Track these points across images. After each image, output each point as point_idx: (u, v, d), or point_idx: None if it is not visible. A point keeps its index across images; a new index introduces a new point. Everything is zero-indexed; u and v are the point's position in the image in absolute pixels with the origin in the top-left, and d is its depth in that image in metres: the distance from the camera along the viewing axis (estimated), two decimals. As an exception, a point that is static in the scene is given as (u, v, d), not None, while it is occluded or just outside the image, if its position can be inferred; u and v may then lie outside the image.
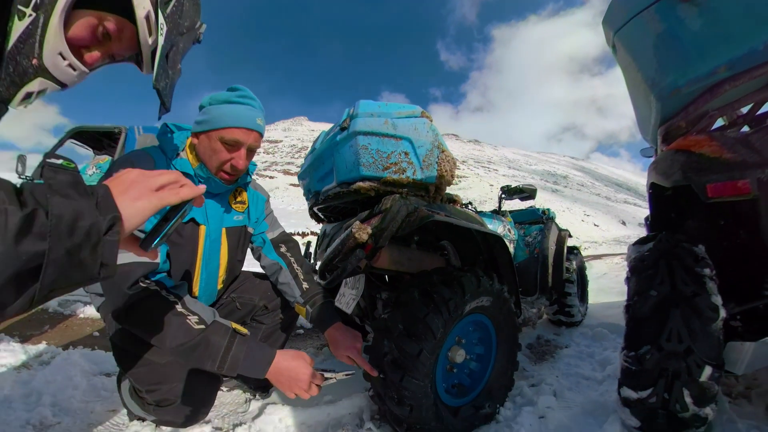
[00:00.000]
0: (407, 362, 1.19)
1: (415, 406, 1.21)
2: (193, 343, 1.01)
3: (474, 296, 1.34)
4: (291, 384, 1.08)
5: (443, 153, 1.29)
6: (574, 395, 1.70)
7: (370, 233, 1.13)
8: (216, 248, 1.37)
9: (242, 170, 1.25)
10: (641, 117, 1.83)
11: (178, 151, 1.25)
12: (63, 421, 1.35)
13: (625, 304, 1.33)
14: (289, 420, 1.44)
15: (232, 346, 1.04)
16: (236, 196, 1.42)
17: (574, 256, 3.12)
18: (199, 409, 1.26)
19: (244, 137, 1.19)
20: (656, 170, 1.44)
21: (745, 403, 1.43)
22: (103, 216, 0.49)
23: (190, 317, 1.04)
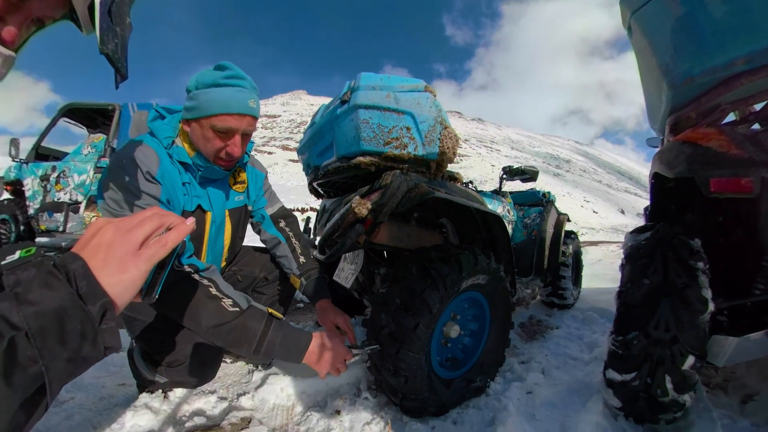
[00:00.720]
0: (404, 335, 1.22)
1: (410, 377, 1.25)
2: (230, 327, 1.00)
3: (471, 274, 1.36)
4: (327, 365, 1.08)
5: (446, 129, 1.26)
6: (561, 374, 1.76)
7: (370, 208, 1.13)
8: (221, 231, 1.38)
9: (239, 156, 1.21)
10: (651, 104, 1.81)
11: (173, 139, 1.20)
12: (76, 396, 1.39)
13: (618, 290, 1.36)
14: (290, 389, 1.49)
15: (269, 331, 1.03)
16: (235, 176, 1.41)
17: (571, 240, 3.14)
18: (207, 370, 1.29)
19: (236, 123, 1.13)
20: (661, 160, 1.43)
21: (722, 394, 1.49)
22: (91, 306, 0.43)
23: (224, 300, 1.03)
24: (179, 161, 1.19)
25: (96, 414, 1.29)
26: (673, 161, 1.34)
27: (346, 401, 1.45)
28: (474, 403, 1.48)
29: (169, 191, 1.14)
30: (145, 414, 1.26)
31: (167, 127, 1.21)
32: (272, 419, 1.37)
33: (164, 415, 1.29)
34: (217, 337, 1.01)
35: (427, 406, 1.33)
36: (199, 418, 1.31)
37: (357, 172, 1.26)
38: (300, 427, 1.32)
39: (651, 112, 1.85)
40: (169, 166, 1.16)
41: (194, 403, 1.37)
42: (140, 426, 1.22)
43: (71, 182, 4.28)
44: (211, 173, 1.25)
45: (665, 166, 1.38)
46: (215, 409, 1.36)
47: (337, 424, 1.32)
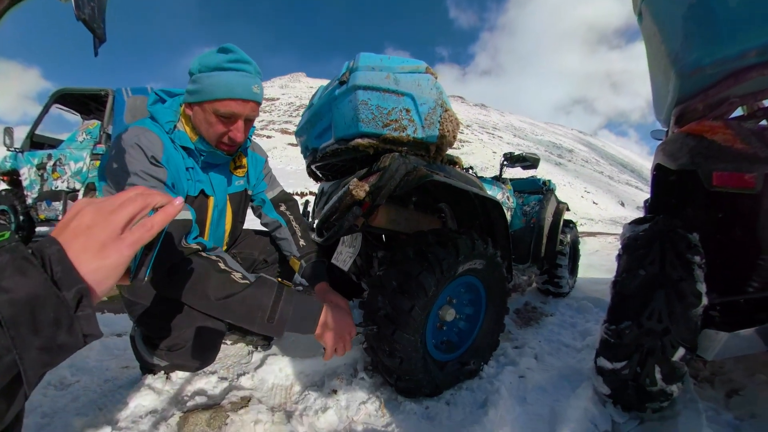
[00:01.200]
0: (399, 317, 1.23)
1: (405, 358, 1.26)
2: (241, 296, 0.97)
3: (468, 258, 1.36)
4: (336, 339, 1.06)
5: (446, 112, 1.24)
6: (554, 360, 1.79)
7: (368, 191, 1.12)
8: (222, 216, 1.38)
9: (241, 142, 1.20)
10: (657, 94, 1.78)
11: (174, 123, 1.18)
12: (81, 379, 1.42)
13: (613, 279, 1.37)
14: (289, 369, 1.52)
15: (281, 298, 1.00)
16: (236, 161, 1.40)
17: (569, 229, 3.14)
18: (207, 354, 1.28)
19: (240, 109, 1.12)
20: (664, 151, 1.41)
21: (708, 387, 1.51)
22: (66, 293, 0.40)
23: (234, 273, 1.01)
24: (181, 146, 1.18)
25: (101, 396, 1.32)
26: (676, 153, 1.33)
27: (342, 381, 1.48)
28: (467, 385, 1.50)
29: (173, 176, 1.13)
30: (148, 395, 1.29)
31: (168, 111, 1.19)
32: (271, 398, 1.40)
33: (167, 396, 1.31)
34: (229, 309, 0.98)
35: (422, 387, 1.35)
36: (200, 397, 1.33)
37: (355, 155, 1.24)
38: (298, 406, 1.34)
39: (657, 103, 1.82)
40: (172, 150, 1.15)
41: (196, 383, 1.40)
42: (144, 406, 1.24)
43: (68, 170, 4.23)
44: (214, 158, 1.24)
45: (668, 157, 1.37)
46: (216, 389, 1.39)
47: (334, 402, 1.34)
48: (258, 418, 1.23)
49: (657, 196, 1.60)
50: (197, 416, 1.22)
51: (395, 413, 1.32)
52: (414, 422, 1.28)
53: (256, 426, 1.21)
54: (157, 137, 1.11)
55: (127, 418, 1.19)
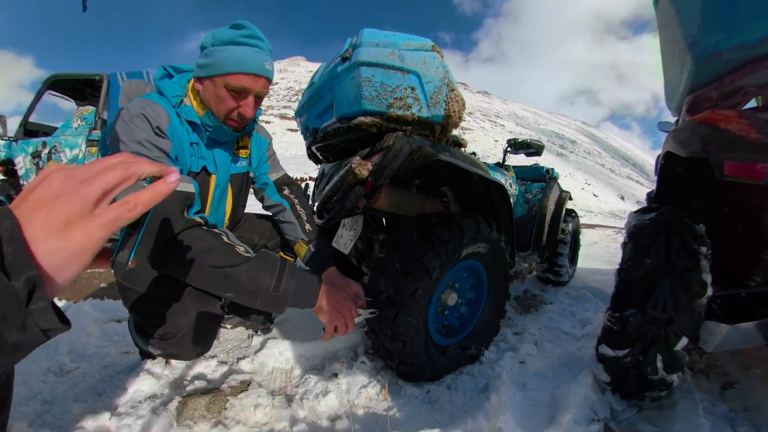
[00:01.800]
0: (402, 300, 1.22)
1: (407, 342, 1.25)
2: (246, 267, 0.97)
3: (472, 241, 1.34)
4: (336, 315, 1.06)
5: (453, 92, 1.21)
6: (553, 347, 1.79)
7: (371, 170, 1.09)
8: (224, 196, 1.36)
9: (250, 118, 1.19)
10: (670, 81, 1.74)
11: (181, 97, 1.16)
12: (81, 365, 1.42)
13: (618, 267, 1.36)
14: (289, 353, 1.52)
15: (285, 271, 1.01)
16: (239, 141, 1.37)
17: (571, 218, 3.13)
18: (201, 343, 1.24)
19: (251, 84, 1.10)
20: (674, 139, 1.38)
21: (704, 379, 1.51)
22: (15, 281, 0.33)
23: (237, 247, 1.01)
24: (187, 120, 1.15)
25: (100, 381, 1.32)
26: (687, 141, 1.30)
27: (343, 365, 1.47)
28: (468, 370, 1.50)
29: (177, 149, 1.11)
30: (147, 380, 1.28)
31: (176, 85, 1.17)
32: (271, 382, 1.39)
33: (166, 381, 1.31)
34: (233, 280, 0.97)
35: (423, 372, 1.35)
36: (199, 381, 1.33)
37: (357, 134, 1.21)
38: (298, 390, 1.34)
39: (669, 90, 1.78)
40: (177, 124, 1.12)
41: (195, 368, 1.40)
42: (143, 391, 1.25)
43: (63, 157, 4.13)
44: (220, 134, 1.22)
45: (679, 145, 1.34)
46: (215, 373, 1.39)
47: (335, 386, 1.33)
48: (258, 402, 1.23)
49: (663, 185, 1.57)
50: (196, 401, 1.22)
51: (396, 397, 1.31)
52: (415, 406, 1.28)
53: (256, 410, 1.20)
54: (163, 110, 1.09)
55: (126, 403, 1.19)
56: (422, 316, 1.27)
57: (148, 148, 1.01)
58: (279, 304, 1.00)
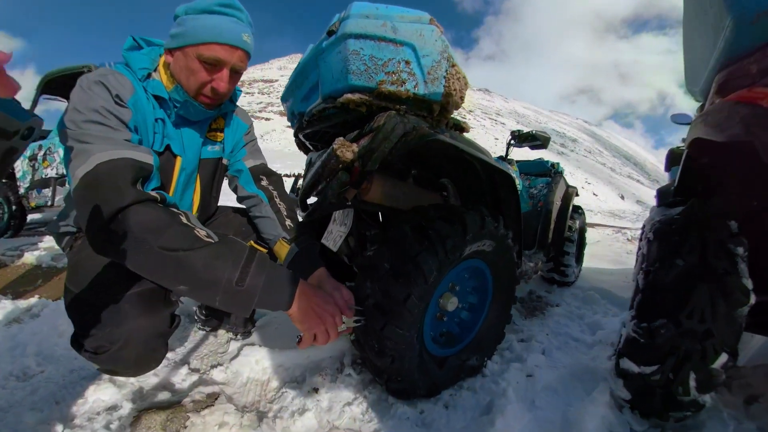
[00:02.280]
0: (392, 308, 1.04)
1: (398, 357, 1.08)
2: (206, 252, 0.79)
3: (476, 238, 1.17)
4: (315, 321, 0.89)
5: (453, 68, 1.05)
6: (563, 356, 1.62)
7: (356, 151, 0.94)
8: (191, 182, 1.22)
9: (224, 94, 1.08)
10: (695, 59, 1.54)
11: (149, 71, 1.06)
12: (46, 369, 1.31)
13: (643, 268, 1.18)
14: (266, 362, 1.37)
15: (253, 260, 0.83)
16: (213, 123, 1.25)
17: (578, 215, 2.99)
18: (142, 361, 1.08)
19: (226, 55, 1.01)
20: (705, 122, 1.20)
21: (726, 392, 1.36)
22: None
23: (198, 230, 0.84)
24: (154, 95, 1.06)
25: (61, 388, 1.22)
26: (724, 123, 1.11)
27: (326, 378, 1.32)
28: (469, 385, 1.33)
29: (138, 122, 1.01)
30: (109, 388, 1.18)
31: (144, 58, 1.07)
32: (243, 395, 1.25)
33: (129, 389, 1.20)
34: (187, 267, 0.78)
35: (417, 388, 1.18)
36: (164, 393, 1.21)
37: (346, 117, 1.08)
38: (273, 406, 1.19)
39: (693, 71, 1.59)
40: (142, 98, 1.03)
41: (163, 375, 1.28)
42: (103, 401, 1.14)
43: (57, 157, 4.25)
44: (190, 112, 1.10)
45: (712, 128, 1.15)
46: (184, 383, 1.27)
47: (314, 403, 1.18)
48: (224, 420, 1.09)
49: (687, 178, 1.40)
50: (151, 417, 1.09)
51: (384, 418, 1.14)
52: (406, 429, 1.10)
53: (220, 429, 1.06)
54: (127, 80, 1.00)
55: (83, 414, 1.08)
56: (416, 326, 1.09)
57: (105, 116, 0.90)
58: (243, 302, 0.81)
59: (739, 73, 1.26)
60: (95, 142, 0.85)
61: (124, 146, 0.87)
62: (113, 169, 0.82)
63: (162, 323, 1.08)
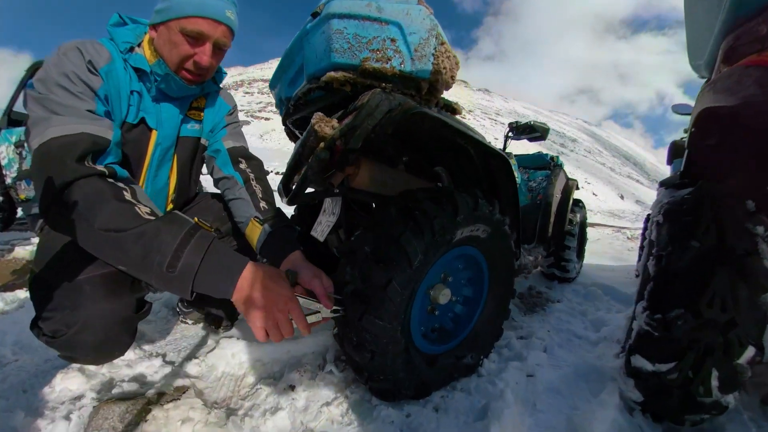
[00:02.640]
0: (371, 296, 0.93)
1: (379, 352, 0.97)
2: (137, 232, 0.75)
3: (468, 221, 1.07)
4: (264, 314, 0.79)
5: (443, 45, 1.00)
6: (566, 354, 1.51)
7: (336, 127, 0.89)
8: (166, 161, 1.19)
9: (206, 68, 1.07)
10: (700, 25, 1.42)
11: (132, 45, 1.07)
12: (21, 358, 1.27)
13: (654, 253, 1.06)
14: (244, 356, 1.30)
15: (191, 240, 0.77)
16: (194, 102, 1.24)
17: (578, 208, 2.90)
18: (103, 347, 1.00)
19: (209, 29, 1.02)
20: (714, 90, 1.08)
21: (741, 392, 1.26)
22: None
23: (140, 206, 0.80)
24: (135, 68, 1.06)
25: (31, 377, 1.18)
26: (735, 87, 1.00)
27: (304, 375, 1.21)
28: (463, 385, 1.22)
29: (109, 91, 1.00)
30: (77, 378, 1.13)
31: (129, 33, 1.08)
32: (216, 390, 1.16)
33: (98, 380, 1.15)
34: (121, 247, 0.75)
35: (403, 389, 1.07)
36: (131, 384, 1.14)
37: (332, 99, 1.04)
38: (245, 403, 1.10)
39: (695, 44, 1.47)
40: (119, 69, 1.03)
41: (137, 367, 1.22)
42: (70, 390, 1.10)
43: None
44: (171, 87, 1.09)
45: (722, 95, 1.03)
46: (156, 375, 1.21)
47: (289, 402, 1.08)
48: (188, 416, 1.01)
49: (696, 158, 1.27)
50: (110, 409, 1.02)
51: (365, 421, 1.03)
52: None
53: (182, 425, 0.98)
54: (106, 50, 1.00)
55: (48, 403, 1.05)
56: (399, 318, 0.98)
57: (73, 82, 0.90)
58: (179, 286, 0.75)
59: (747, 37, 1.15)
60: (56, 110, 0.85)
61: (83, 117, 0.88)
62: (64, 144, 0.81)
63: (125, 308, 1.00)
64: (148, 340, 1.41)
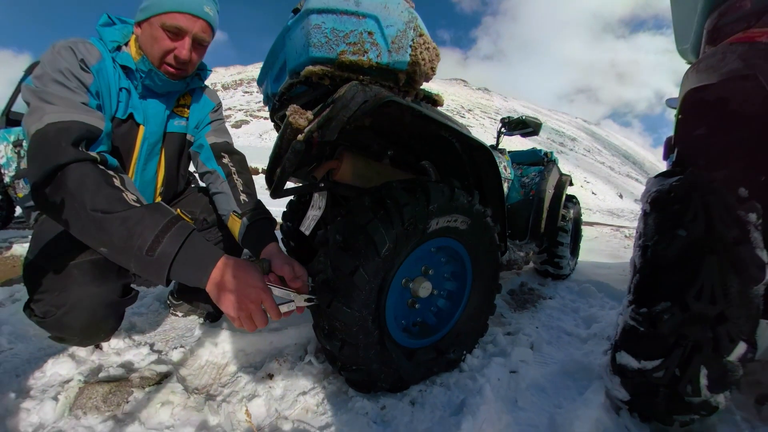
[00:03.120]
0: (339, 283, 0.93)
1: (349, 341, 0.96)
2: (123, 216, 0.79)
3: (443, 211, 1.05)
4: (236, 304, 0.82)
5: (421, 37, 1.00)
6: (554, 350, 1.47)
7: (310, 118, 0.91)
8: (153, 155, 1.24)
9: (186, 62, 1.10)
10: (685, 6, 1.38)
11: (120, 44, 1.12)
12: (16, 346, 1.30)
13: (640, 244, 1.02)
14: (227, 346, 1.32)
15: (171, 228, 0.81)
16: (180, 99, 1.28)
17: (572, 204, 2.87)
18: (90, 328, 1.04)
19: (188, 24, 1.06)
20: (698, 70, 1.03)
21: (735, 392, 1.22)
22: None
23: (127, 193, 0.84)
24: (122, 65, 1.11)
25: (24, 363, 1.21)
26: (719, 64, 0.95)
27: (283, 365, 1.22)
28: (443, 380, 1.18)
29: (100, 87, 1.06)
30: (67, 363, 1.18)
31: (116, 32, 1.13)
32: (198, 377, 1.20)
33: (87, 366, 1.19)
34: (105, 229, 0.79)
35: (378, 381, 1.05)
36: (117, 369, 1.18)
37: (314, 93, 1.06)
38: (224, 390, 1.13)
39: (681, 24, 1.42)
40: (109, 67, 1.08)
41: (125, 355, 1.27)
42: (60, 375, 1.14)
43: None
44: (156, 82, 1.13)
45: (706, 73, 0.99)
46: (143, 362, 1.25)
47: (266, 390, 1.10)
48: (167, 399, 1.04)
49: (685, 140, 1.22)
50: (93, 389, 1.06)
51: (339, 411, 1.01)
52: (361, 426, 0.96)
53: (161, 408, 1.01)
54: (96, 49, 1.06)
55: (39, 387, 1.09)
56: (370, 307, 0.96)
57: (67, 78, 0.96)
58: (155, 271, 0.79)
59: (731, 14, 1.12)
60: (52, 101, 0.90)
61: (78, 108, 0.92)
62: (61, 128, 0.86)
63: (111, 293, 1.05)
64: (139, 331, 1.45)
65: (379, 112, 0.96)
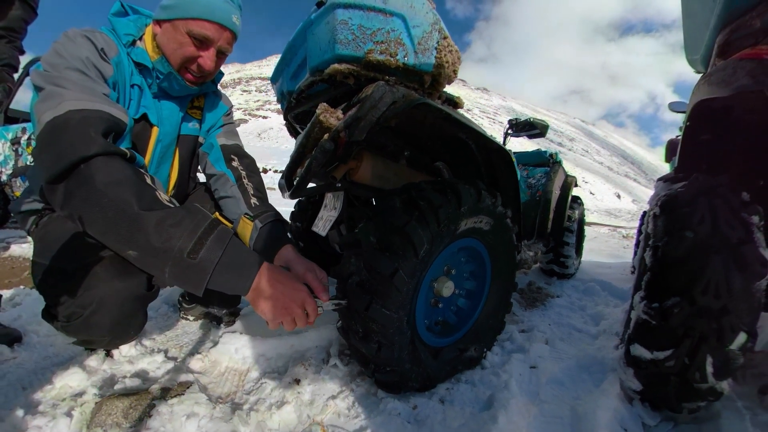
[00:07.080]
0: (377, 285, 0.94)
1: (386, 343, 0.97)
2: (163, 214, 0.74)
3: (472, 212, 1.08)
4: (279, 309, 0.79)
5: (445, 39, 1.01)
6: (567, 347, 1.52)
7: (340, 118, 0.88)
8: (167, 156, 1.19)
9: (209, 72, 1.09)
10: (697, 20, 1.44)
11: (134, 38, 1.05)
12: (20, 355, 1.25)
13: (651, 244, 1.08)
14: (247, 351, 1.28)
15: (212, 233, 0.76)
16: (194, 101, 1.25)
17: (577, 205, 2.92)
18: (118, 325, 1.00)
19: (215, 34, 1.02)
20: (709, 82, 1.09)
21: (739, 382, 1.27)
22: None
23: (160, 193, 0.80)
24: (136, 62, 1.05)
25: (30, 373, 1.15)
26: (729, 78, 1.02)
27: (309, 368, 1.20)
28: (467, 377, 1.22)
29: (118, 81, 1.00)
30: (78, 374, 1.10)
31: (131, 24, 1.06)
32: (219, 385, 1.15)
33: (101, 376, 1.12)
34: (141, 227, 0.72)
35: (409, 381, 1.07)
36: (134, 380, 1.12)
37: (335, 92, 1.04)
38: (249, 397, 1.09)
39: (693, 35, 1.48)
40: (124, 61, 1.02)
41: (138, 363, 1.20)
42: (70, 387, 1.07)
43: None
44: (172, 86, 1.09)
45: (716, 86, 1.05)
46: (159, 371, 1.19)
47: (294, 396, 1.07)
48: (193, 411, 0.99)
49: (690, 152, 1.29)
50: (113, 404, 0.98)
51: (372, 413, 1.02)
52: (396, 426, 0.98)
53: (188, 421, 0.95)
54: (113, 42, 0.99)
55: (48, 401, 1.02)
56: (406, 308, 0.98)
57: (87, 67, 0.89)
58: (194, 278, 0.73)
59: (741, 31, 1.18)
60: (71, 88, 0.82)
61: (100, 99, 0.86)
62: (85, 118, 0.79)
63: (138, 286, 1.00)
64: (149, 337, 1.39)
65: (405, 113, 0.94)
